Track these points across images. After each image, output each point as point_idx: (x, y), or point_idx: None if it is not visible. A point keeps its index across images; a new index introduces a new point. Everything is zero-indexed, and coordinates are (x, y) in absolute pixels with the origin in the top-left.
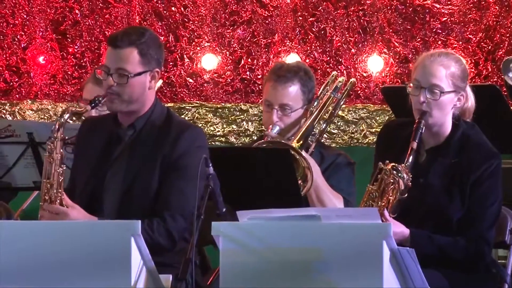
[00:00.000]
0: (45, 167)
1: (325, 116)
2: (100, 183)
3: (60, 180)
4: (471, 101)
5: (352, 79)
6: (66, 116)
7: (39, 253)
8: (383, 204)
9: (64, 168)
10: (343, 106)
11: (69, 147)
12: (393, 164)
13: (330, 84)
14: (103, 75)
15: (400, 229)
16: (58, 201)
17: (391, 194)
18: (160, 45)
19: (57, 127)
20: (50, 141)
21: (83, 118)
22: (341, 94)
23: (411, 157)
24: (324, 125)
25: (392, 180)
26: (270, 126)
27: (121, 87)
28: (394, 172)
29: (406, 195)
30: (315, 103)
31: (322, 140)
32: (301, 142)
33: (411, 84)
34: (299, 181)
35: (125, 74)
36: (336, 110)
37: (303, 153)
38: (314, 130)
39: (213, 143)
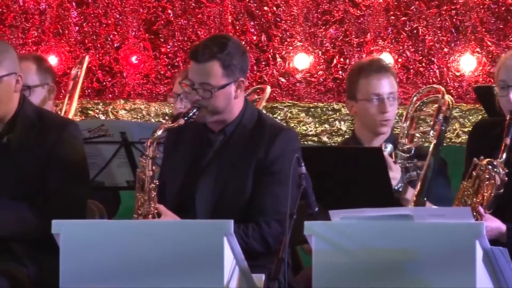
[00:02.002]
0: (138, 182)
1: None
2: (192, 187)
3: (153, 195)
4: None
5: (449, 98)
6: (159, 132)
7: (132, 252)
8: (477, 200)
9: (157, 183)
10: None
11: (160, 145)
12: (489, 159)
13: (429, 104)
14: (188, 89)
15: (496, 224)
16: (150, 215)
17: (486, 190)
18: (243, 52)
19: (148, 144)
20: (142, 158)
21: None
22: (446, 124)
23: (504, 153)
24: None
25: (488, 176)
26: (383, 144)
27: (206, 100)
28: (490, 167)
29: (502, 190)
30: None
31: (415, 140)
32: (421, 193)
33: (498, 86)
34: None
35: (209, 89)
36: (442, 142)
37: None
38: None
39: (305, 142)
